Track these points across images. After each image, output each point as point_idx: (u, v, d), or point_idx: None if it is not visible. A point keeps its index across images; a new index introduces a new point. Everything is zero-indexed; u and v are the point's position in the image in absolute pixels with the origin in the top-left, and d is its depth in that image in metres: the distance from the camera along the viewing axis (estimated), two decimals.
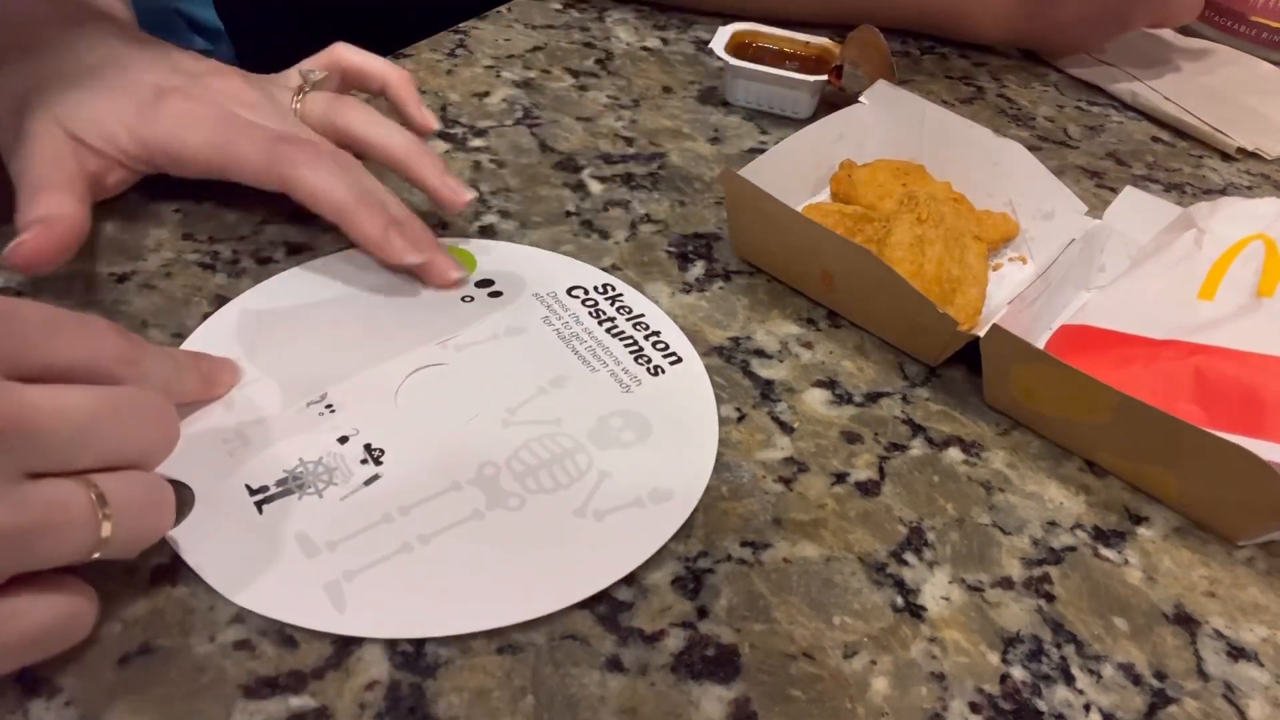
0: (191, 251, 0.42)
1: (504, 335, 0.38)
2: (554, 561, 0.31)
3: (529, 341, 0.38)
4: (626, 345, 0.38)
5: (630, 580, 0.32)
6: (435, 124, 0.46)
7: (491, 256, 0.42)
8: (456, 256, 0.41)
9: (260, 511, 0.30)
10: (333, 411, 0.34)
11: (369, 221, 0.39)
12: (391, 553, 0.30)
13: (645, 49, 0.64)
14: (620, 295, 0.41)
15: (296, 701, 0.27)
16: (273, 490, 0.31)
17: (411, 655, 0.29)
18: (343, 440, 0.33)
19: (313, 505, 0.31)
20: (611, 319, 0.40)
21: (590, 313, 0.40)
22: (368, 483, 0.32)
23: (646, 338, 0.39)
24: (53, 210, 0.36)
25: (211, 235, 0.43)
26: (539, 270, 0.42)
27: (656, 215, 0.49)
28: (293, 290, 0.39)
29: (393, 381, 0.35)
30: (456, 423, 0.35)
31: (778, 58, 0.59)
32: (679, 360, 0.38)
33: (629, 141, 0.54)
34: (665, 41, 0.66)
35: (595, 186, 0.50)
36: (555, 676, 0.29)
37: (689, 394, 0.37)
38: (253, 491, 0.31)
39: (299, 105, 0.43)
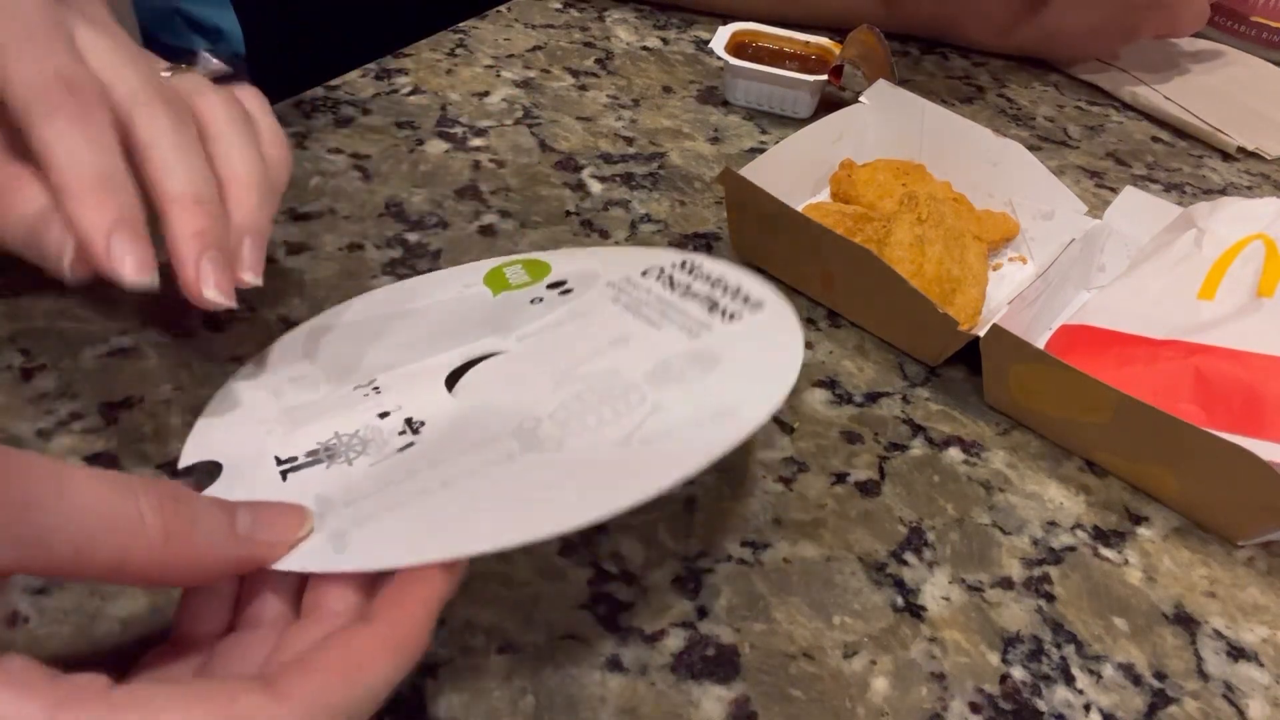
0: None
1: (568, 320, 0.36)
2: (588, 483, 0.28)
3: (593, 319, 0.36)
4: (702, 302, 0.36)
5: (630, 580, 0.32)
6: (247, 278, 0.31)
7: (568, 262, 0.41)
8: (525, 268, 0.40)
9: (284, 479, 0.29)
10: (379, 393, 0.33)
11: (89, 213, 0.28)
12: (408, 498, 0.28)
13: (645, 49, 0.64)
14: (699, 265, 0.38)
15: None
16: (301, 460, 0.30)
17: None
18: (383, 415, 0.32)
19: (341, 472, 0.30)
20: (687, 285, 0.37)
21: (663, 285, 0.37)
22: (401, 450, 0.30)
23: (725, 292, 0.36)
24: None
25: None
26: (615, 263, 0.40)
27: (656, 215, 0.49)
28: (365, 308, 0.38)
29: (446, 367, 0.34)
30: (503, 392, 0.33)
31: (778, 58, 0.59)
32: (760, 305, 0.35)
33: (629, 141, 0.54)
34: (665, 41, 0.66)
35: (595, 186, 0.50)
36: (555, 676, 0.29)
37: (768, 329, 0.34)
38: (280, 462, 0.30)
39: (169, 74, 0.33)
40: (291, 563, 0.26)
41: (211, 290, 0.29)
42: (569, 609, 0.31)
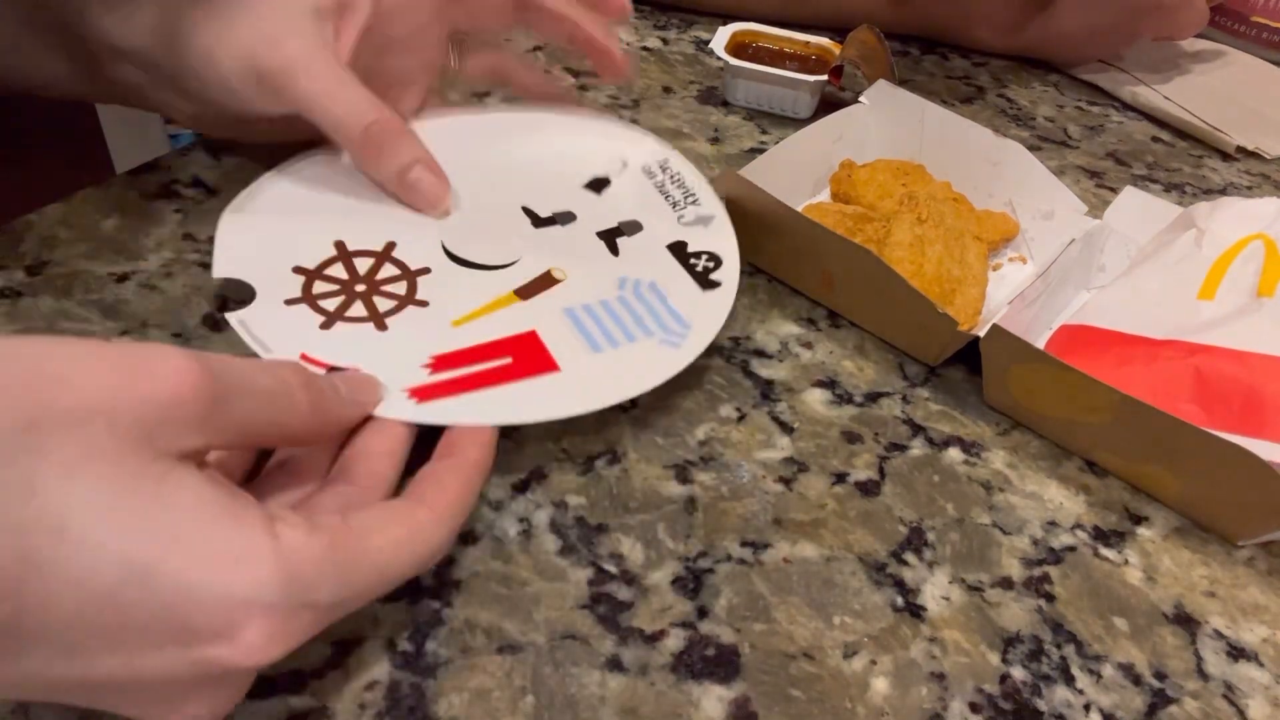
0: (191, 251, 0.42)
1: None
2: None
3: None
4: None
5: (630, 580, 0.32)
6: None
7: None
8: None
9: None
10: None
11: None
12: None
13: (645, 49, 0.64)
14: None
15: (296, 701, 0.27)
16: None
17: (411, 655, 0.29)
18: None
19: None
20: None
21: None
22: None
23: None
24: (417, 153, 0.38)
25: (211, 235, 0.43)
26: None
27: None
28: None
29: None
30: None
31: (778, 58, 0.59)
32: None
33: None
34: (665, 41, 0.66)
35: None
36: (555, 676, 0.29)
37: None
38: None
39: None
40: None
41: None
42: (569, 609, 0.31)
